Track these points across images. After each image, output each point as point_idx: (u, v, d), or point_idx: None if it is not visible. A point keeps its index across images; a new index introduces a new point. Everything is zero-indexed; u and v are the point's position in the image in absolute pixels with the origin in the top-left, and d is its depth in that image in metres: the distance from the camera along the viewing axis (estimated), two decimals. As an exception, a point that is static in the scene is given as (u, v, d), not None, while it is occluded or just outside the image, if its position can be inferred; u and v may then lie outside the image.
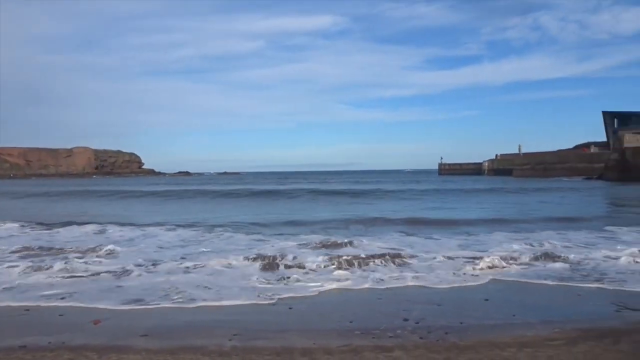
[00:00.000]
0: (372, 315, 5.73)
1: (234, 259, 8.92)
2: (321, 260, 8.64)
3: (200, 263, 8.69)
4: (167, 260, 8.92)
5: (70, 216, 18.69)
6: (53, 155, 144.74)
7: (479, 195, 31.60)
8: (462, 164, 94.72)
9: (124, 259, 9.20)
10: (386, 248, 9.84)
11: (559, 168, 67.35)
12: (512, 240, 10.88)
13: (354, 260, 8.67)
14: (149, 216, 19.41)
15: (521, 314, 5.66)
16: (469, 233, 12.65)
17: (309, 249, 9.92)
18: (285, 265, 8.51)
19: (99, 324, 5.46)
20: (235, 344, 4.67)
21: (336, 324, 5.40)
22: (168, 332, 5.09)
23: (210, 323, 5.46)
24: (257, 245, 10.91)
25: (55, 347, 4.61)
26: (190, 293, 6.70)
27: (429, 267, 8.30)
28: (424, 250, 9.79)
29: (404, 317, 5.56)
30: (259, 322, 5.50)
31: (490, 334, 4.89)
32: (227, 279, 7.58)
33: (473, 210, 21.29)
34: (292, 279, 7.56)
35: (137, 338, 4.88)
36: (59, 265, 8.43)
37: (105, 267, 8.52)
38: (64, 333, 5.08)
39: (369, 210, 20.50)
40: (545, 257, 8.93)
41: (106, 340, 4.83)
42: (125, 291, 6.89)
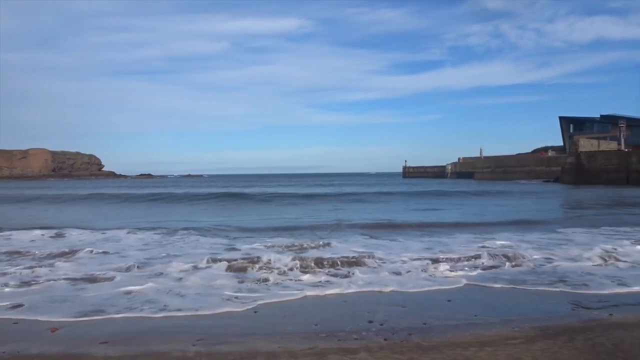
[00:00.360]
0: (337, 317, 5.76)
1: (199, 263, 8.80)
2: (288, 263, 8.63)
3: (164, 267, 8.52)
4: (130, 264, 8.71)
5: (25, 220, 18.02)
6: (7, 157, 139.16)
7: (442, 198, 32.23)
8: (426, 167, 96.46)
9: (85, 265, 8.93)
10: (352, 251, 9.92)
11: (519, 171, 69.51)
12: (472, 243, 11.15)
13: (321, 263, 8.70)
14: (110, 220, 18.92)
15: (482, 314, 5.81)
16: (432, 235, 12.87)
17: (275, 253, 9.87)
18: (250, 269, 8.45)
19: (56, 331, 5.28)
20: (199, 349, 4.61)
21: (301, 327, 5.39)
22: (130, 339, 4.98)
23: (173, 328, 5.37)
24: (222, 248, 10.80)
25: (9, 357, 4.43)
26: (154, 298, 6.56)
27: (394, 270, 8.39)
28: (389, 253, 9.91)
29: (369, 319, 5.61)
30: (223, 326, 5.45)
31: (453, 334, 5.00)
32: (191, 284, 7.47)
33: (436, 213, 21.68)
34: (258, 283, 7.51)
35: (97, 345, 4.75)
36: (13, 271, 8.11)
37: (63, 273, 8.24)
38: (18, 342, 4.89)
39: (334, 214, 20.57)
40: (504, 259, 9.18)
41: (64, 348, 4.68)
42: (83, 300, 6.68)
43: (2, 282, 7.55)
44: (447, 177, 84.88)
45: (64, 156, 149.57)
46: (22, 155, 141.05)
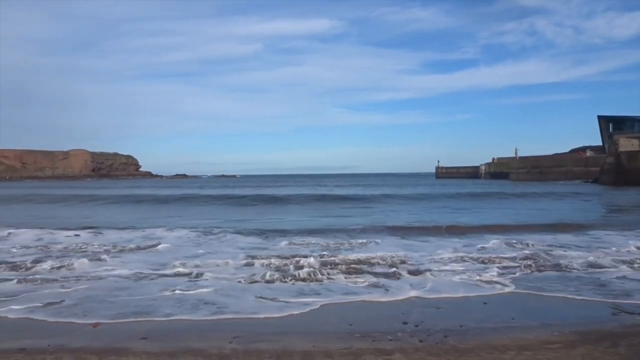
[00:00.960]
0: (372, 318, 5.74)
1: (236, 262, 8.95)
2: (314, 264, 8.64)
3: (200, 265, 8.68)
4: (169, 263, 8.92)
5: (70, 220, 18.63)
6: (49, 158, 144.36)
7: (478, 200, 31.48)
8: (459, 168, 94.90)
9: (128, 263, 9.19)
10: (388, 253, 9.84)
11: (555, 172, 67.59)
12: (508, 245, 10.93)
13: (354, 265, 8.70)
14: (153, 219, 19.25)
15: (520, 318, 5.68)
16: (466, 238, 12.67)
17: (311, 253, 9.91)
18: (285, 270, 8.50)
19: (97, 326, 5.45)
20: (236, 347, 4.66)
21: (336, 327, 5.40)
22: (168, 335, 5.09)
23: (211, 326, 5.45)
24: (258, 248, 10.92)
25: (54, 350, 4.60)
26: (194, 296, 6.70)
27: (428, 271, 8.30)
28: (422, 255, 9.81)
29: (404, 320, 5.57)
30: (259, 324, 5.50)
31: (490, 337, 4.91)
32: (228, 282, 7.57)
33: (470, 215, 21.31)
34: (295, 283, 7.56)
35: (137, 341, 4.87)
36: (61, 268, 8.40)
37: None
38: (62, 336, 5.07)
39: (370, 216, 20.45)
40: (541, 262, 8.96)
41: (105, 343, 4.82)
42: (126, 299, 6.87)
43: (51, 278, 7.84)
44: (481, 177, 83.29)
45: (102, 157, 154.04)
46: (63, 156, 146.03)
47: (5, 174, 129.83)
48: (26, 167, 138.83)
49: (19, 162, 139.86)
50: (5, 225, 15.03)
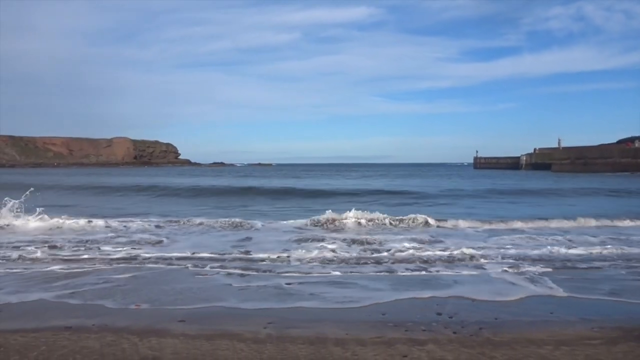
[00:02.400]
0: (405, 308, 5.73)
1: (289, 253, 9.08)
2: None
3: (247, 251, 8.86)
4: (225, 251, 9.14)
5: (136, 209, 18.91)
6: (94, 145, 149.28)
7: (526, 198, 25.56)
8: (499, 158, 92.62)
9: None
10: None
11: (600, 163, 65.10)
12: (553, 242, 10.66)
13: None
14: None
15: (559, 312, 5.54)
16: (509, 234, 12.41)
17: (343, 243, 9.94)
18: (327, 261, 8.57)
19: (139, 307, 5.66)
20: (270, 332, 4.76)
21: (369, 315, 5.42)
22: (204, 319, 5.23)
23: (246, 311, 5.58)
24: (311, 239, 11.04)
25: (98, 329, 4.81)
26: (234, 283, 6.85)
27: (468, 265, 8.20)
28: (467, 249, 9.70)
29: (437, 311, 5.53)
30: (293, 311, 5.58)
31: (526, 331, 4.82)
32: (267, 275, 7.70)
33: (517, 210, 20.65)
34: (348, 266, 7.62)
35: (176, 323, 5.03)
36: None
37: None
38: (106, 315, 5.29)
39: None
40: (584, 256, 8.71)
41: (146, 324, 5.00)
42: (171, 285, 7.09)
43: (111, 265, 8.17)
44: (522, 168, 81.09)
45: (144, 145, 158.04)
46: (107, 143, 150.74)
47: (54, 161, 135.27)
48: (72, 154, 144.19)
49: (66, 150, 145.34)
50: (111, 216, 14.88)
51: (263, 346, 4.39)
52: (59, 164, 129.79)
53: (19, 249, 9.32)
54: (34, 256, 8.68)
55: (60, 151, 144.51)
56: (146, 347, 4.35)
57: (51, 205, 14.57)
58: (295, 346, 4.38)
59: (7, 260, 8.40)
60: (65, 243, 10.07)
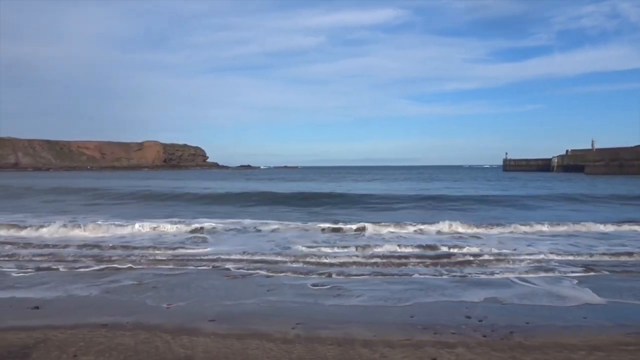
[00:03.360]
0: (434, 310, 5.70)
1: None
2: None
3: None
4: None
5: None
6: (125, 149, 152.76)
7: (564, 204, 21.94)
8: (529, 160, 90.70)
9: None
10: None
11: (637, 165, 63.07)
12: (597, 246, 10.40)
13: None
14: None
15: (592, 317, 5.42)
16: (545, 240, 12.17)
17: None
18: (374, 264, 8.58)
19: (170, 307, 5.79)
20: (299, 333, 4.80)
21: (398, 317, 5.41)
22: (234, 318, 5.32)
23: (274, 311, 5.64)
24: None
25: (133, 327, 4.94)
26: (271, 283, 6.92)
27: (500, 269, 8.10)
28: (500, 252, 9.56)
29: (467, 314, 5.48)
30: (321, 312, 5.62)
31: (559, 335, 4.73)
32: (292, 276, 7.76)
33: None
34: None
35: (206, 322, 5.13)
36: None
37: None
38: (139, 314, 5.43)
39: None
40: (618, 260, 8.48)
41: (178, 323, 5.11)
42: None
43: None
44: (553, 170, 79.20)
45: (173, 148, 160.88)
46: (138, 147, 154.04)
47: (87, 164, 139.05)
48: (105, 158, 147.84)
49: (99, 153, 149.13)
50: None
51: (292, 346, 4.44)
52: (92, 167, 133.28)
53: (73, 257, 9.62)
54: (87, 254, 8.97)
55: (93, 155, 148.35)
56: (178, 345, 4.45)
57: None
58: (323, 347, 4.41)
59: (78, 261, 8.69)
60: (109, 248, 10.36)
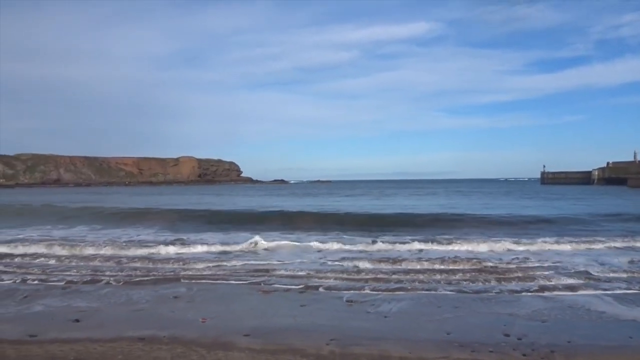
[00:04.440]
0: (471, 328, 5.57)
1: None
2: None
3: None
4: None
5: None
6: (162, 164, 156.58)
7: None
8: (568, 173, 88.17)
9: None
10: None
11: (683, 177, 60.42)
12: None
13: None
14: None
15: (639, 336, 5.19)
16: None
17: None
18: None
19: (205, 321, 5.86)
20: (333, 349, 4.77)
21: (433, 334, 5.32)
22: (269, 333, 5.33)
23: (309, 326, 5.63)
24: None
25: (169, 341, 5.02)
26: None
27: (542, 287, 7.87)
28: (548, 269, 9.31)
29: (505, 332, 5.34)
30: (354, 328, 5.57)
31: (602, 355, 4.55)
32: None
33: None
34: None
35: (241, 337, 5.16)
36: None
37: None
38: (175, 328, 5.51)
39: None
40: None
41: (213, 337, 5.17)
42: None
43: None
44: (594, 183, 76.74)
45: (208, 163, 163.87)
46: (174, 162, 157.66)
47: (125, 179, 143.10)
48: (142, 173, 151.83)
49: (137, 169, 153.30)
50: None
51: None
52: (130, 183, 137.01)
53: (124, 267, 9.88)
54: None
55: (131, 170, 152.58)
56: (213, 359, 4.49)
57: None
58: (358, 363, 4.37)
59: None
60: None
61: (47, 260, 10.57)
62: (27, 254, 11.29)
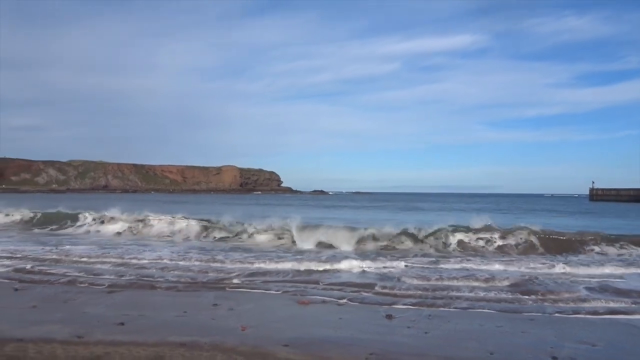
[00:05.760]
0: (515, 348, 5.38)
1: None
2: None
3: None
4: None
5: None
6: (205, 173, 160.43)
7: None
8: (620, 190, 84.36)
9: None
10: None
11: None
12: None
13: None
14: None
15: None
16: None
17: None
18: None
19: (245, 330, 5.90)
20: (372, 363, 4.71)
21: (475, 353, 5.16)
22: (308, 344, 5.31)
23: (347, 340, 5.57)
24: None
25: (210, 348, 5.08)
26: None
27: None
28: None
29: (552, 354, 5.12)
30: (394, 343, 5.48)
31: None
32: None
33: None
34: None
35: (280, 347, 5.16)
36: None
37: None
38: (216, 336, 5.58)
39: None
40: None
41: (252, 345, 5.19)
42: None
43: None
44: (647, 201, 73.11)
45: (249, 172, 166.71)
46: (216, 171, 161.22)
47: (169, 187, 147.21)
48: (186, 181, 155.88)
49: (181, 177, 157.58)
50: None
51: (365, 377, 4.35)
52: (174, 190, 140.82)
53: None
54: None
55: (175, 178, 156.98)
56: (253, 368, 4.51)
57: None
58: (398, 380, 4.29)
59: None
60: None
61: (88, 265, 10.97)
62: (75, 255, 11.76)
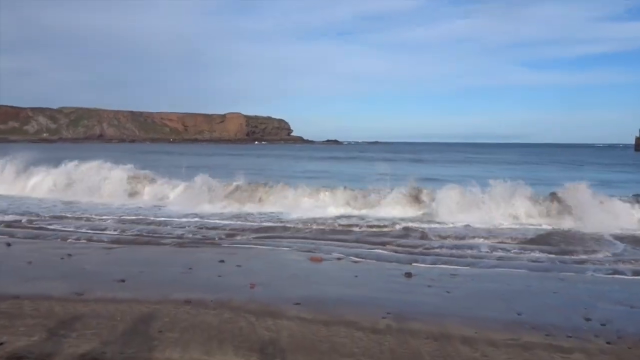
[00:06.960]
0: (545, 309, 5.46)
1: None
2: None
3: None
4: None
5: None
6: (207, 121, 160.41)
7: None
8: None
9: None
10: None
11: None
12: None
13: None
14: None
15: None
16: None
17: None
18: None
19: (254, 287, 6.05)
20: (389, 323, 4.82)
21: (501, 314, 5.25)
22: (320, 303, 5.45)
23: (362, 299, 5.70)
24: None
25: (216, 306, 5.24)
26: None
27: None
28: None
29: (586, 315, 5.19)
30: (413, 302, 5.60)
31: (703, 348, 4.35)
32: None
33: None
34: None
35: (291, 305, 5.30)
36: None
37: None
38: (223, 292, 5.73)
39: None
40: None
41: (262, 304, 5.34)
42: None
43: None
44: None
45: (256, 121, 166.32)
46: (220, 119, 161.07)
47: (169, 136, 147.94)
48: (187, 130, 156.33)
49: (181, 125, 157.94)
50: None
51: (382, 337, 4.47)
52: (175, 140, 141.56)
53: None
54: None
55: (175, 127, 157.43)
56: (262, 327, 4.65)
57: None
58: (417, 340, 4.40)
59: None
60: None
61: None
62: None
